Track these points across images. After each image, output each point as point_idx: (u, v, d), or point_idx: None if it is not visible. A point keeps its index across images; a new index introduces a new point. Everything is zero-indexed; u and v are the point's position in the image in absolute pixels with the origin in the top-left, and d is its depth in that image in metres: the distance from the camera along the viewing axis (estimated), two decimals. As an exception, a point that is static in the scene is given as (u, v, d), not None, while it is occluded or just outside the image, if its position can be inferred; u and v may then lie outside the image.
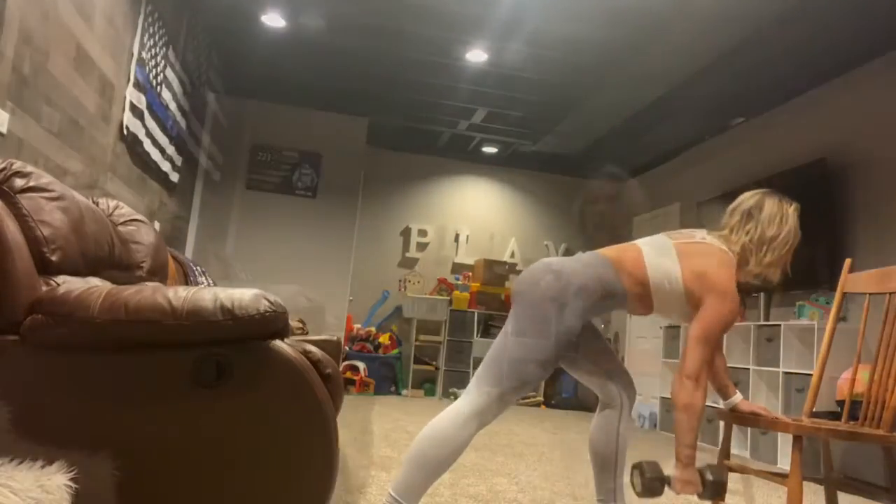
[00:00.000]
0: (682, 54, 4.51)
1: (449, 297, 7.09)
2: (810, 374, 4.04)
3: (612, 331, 7.61)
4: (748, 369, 4.59)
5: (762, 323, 4.71)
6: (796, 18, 3.94)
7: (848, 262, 2.33)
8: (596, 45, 4.66)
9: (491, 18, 4.44)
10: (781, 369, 4.29)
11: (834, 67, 4.54)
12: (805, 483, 1.80)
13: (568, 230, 7.78)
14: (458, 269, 7.48)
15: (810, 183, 4.58)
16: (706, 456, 3.08)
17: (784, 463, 4.11)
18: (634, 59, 4.72)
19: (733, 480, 2.81)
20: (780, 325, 4.37)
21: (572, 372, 1.97)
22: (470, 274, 7.38)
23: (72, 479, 1.21)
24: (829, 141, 4.65)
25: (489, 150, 7.33)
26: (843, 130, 4.57)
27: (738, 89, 4.94)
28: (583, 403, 7.05)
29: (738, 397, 2.01)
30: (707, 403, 1.93)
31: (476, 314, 7.05)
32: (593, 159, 7.02)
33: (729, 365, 4.76)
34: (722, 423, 2.96)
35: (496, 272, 7.22)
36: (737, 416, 1.98)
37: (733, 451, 4.71)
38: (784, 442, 4.18)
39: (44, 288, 1.57)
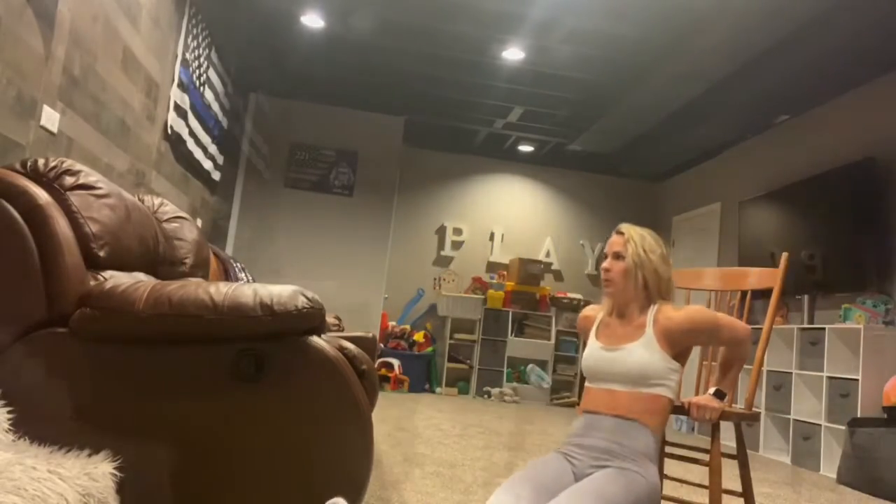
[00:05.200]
0: (724, 51, 4.42)
1: (483, 296, 7.08)
2: (856, 379, 3.93)
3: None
4: (790, 373, 4.48)
5: (806, 326, 4.59)
6: (842, 14, 3.82)
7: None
8: (634, 42, 4.60)
9: (528, 16, 4.42)
10: (825, 374, 4.17)
11: (883, 63, 4.39)
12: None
13: (604, 230, 7.69)
14: (492, 267, 7.46)
15: (858, 182, 4.45)
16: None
17: (826, 470, 4.00)
18: (674, 56, 4.64)
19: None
20: (824, 329, 4.25)
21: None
22: (505, 273, 7.36)
23: (116, 468, 1.25)
24: (878, 139, 4.50)
25: (525, 148, 7.29)
26: (892, 128, 4.42)
27: (782, 86, 4.81)
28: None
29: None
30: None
31: (510, 313, 7.02)
32: (631, 158, 6.93)
33: (770, 368, 4.66)
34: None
35: (531, 271, 7.19)
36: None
37: (776, 458, 4.61)
38: (826, 450, 4.06)
39: (92, 282, 1.63)
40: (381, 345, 6.68)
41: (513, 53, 5.00)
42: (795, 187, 5.09)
